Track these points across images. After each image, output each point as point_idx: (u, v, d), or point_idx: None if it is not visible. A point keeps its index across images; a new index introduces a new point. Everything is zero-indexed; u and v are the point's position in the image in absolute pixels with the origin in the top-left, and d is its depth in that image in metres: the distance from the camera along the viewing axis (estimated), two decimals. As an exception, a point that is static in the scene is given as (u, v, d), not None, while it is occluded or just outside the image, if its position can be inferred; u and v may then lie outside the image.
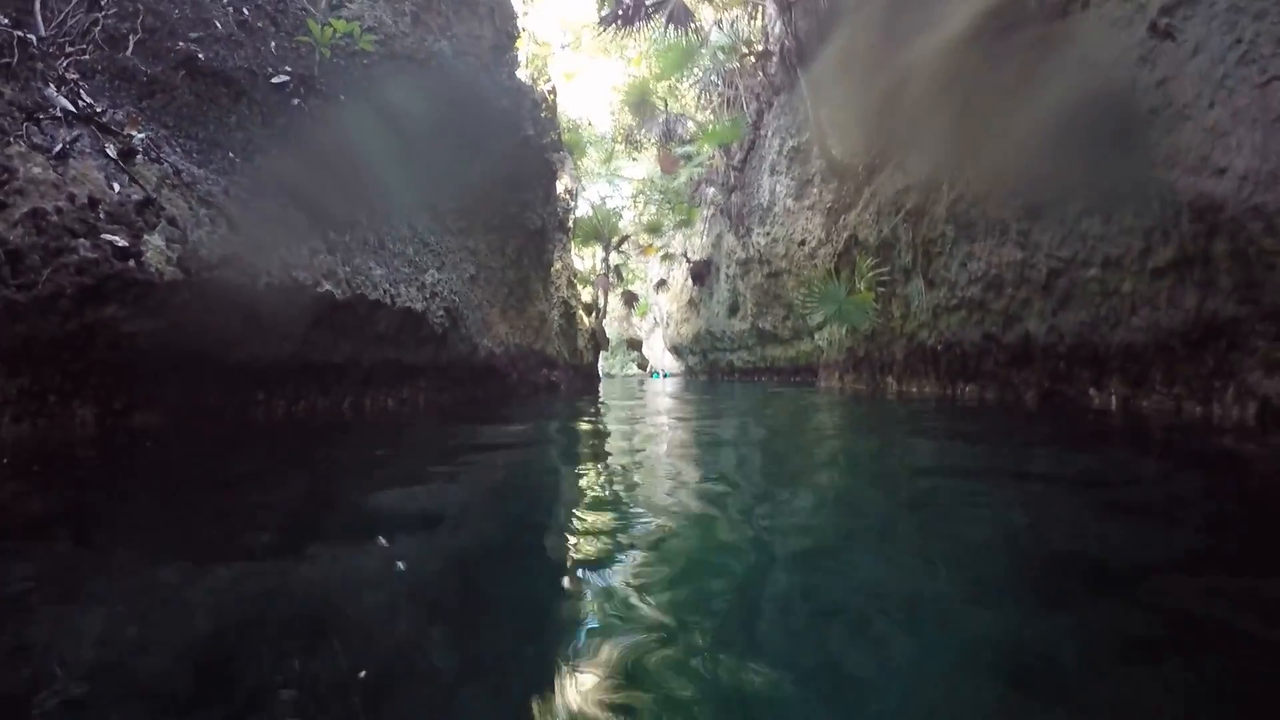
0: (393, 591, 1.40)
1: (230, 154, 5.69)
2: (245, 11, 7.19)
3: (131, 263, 4.49)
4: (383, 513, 2.09)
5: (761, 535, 1.80)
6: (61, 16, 5.12)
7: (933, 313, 5.92)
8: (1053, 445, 3.16)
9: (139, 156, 4.95)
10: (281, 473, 3.02)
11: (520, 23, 13.96)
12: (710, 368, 26.74)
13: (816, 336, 12.76)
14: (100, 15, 5.42)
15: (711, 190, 21.37)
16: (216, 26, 6.79)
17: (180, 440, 4.56)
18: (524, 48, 15.61)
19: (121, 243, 4.60)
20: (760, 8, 17.53)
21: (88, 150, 4.64)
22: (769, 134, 17.19)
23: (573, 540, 1.79)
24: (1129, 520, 1.87)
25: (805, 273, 14.63)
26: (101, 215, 4.47)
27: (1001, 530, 1.83)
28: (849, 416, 5.30)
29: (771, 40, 17.16)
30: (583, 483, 2.64)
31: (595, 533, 1.82)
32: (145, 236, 4.74)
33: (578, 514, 2.06)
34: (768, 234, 16.67)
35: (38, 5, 4.98)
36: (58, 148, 4.43)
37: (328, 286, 6.09)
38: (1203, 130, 3.08)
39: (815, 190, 14.72)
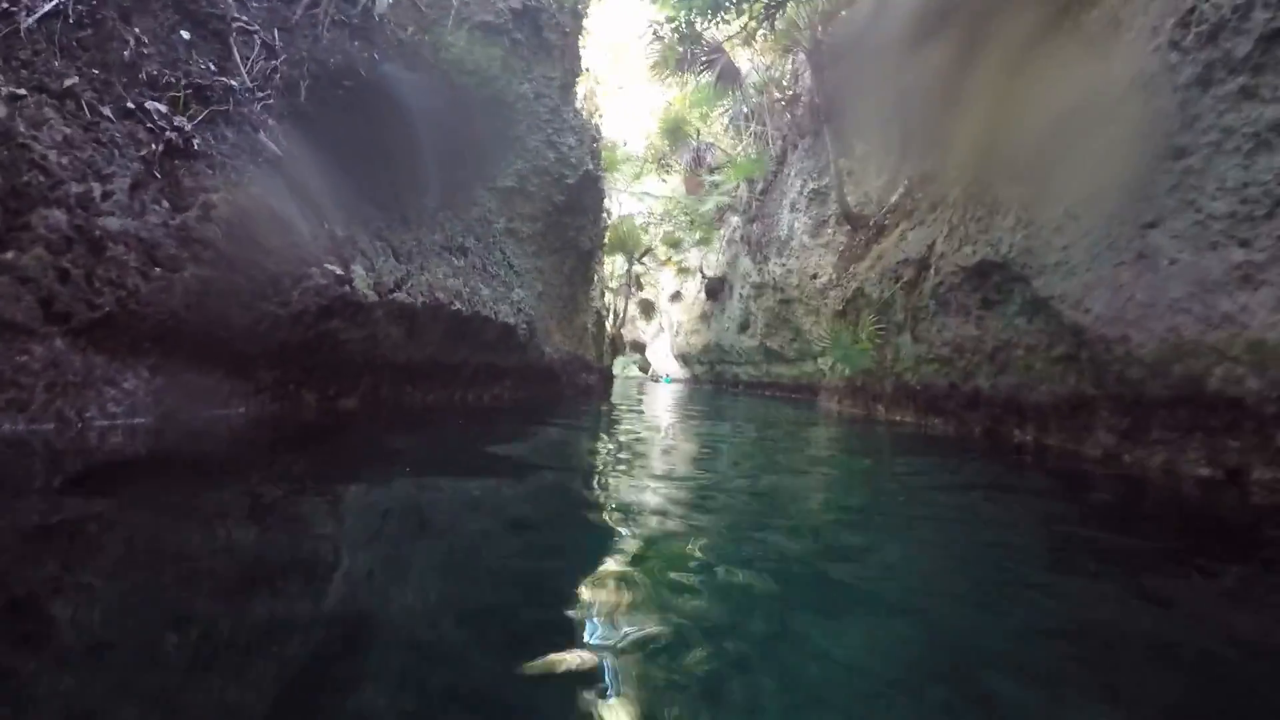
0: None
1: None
2: (377, 56, 8.52)
3: (347, 287, 5.56)
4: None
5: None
6: (249, 64, 5.45)
7: (915, 361, 7.90)
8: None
9: (327, 197, 5.74)
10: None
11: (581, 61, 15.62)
12: (716, 378, 28.50)
13: (819, 360, 14.58)
14: (277, 63, 5.81)
15: (735, 218, 22.94)
16: (361, 74, 8.00)
17: (371, 418, 6.26)
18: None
19: (340, 272, 5.57)
20: (793, 54, 18.70)
21: (293, 190, 5.30)
22: (792, 173, 18.65)
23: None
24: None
25: (813, 302, 16.49)
26: (321, 249, 5.45)
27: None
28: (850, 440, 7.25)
29: (800, 86, 18.71)
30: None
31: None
32: (352, 266, 5.87)
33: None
34: (783, 265, 18.43)
35: (236, 54, 5.32)
36: (277, 188, 5.09)
37: (458, 305, 7.94)
38: (1081, 283, 5.06)
39: (830, 231, 16.52)
